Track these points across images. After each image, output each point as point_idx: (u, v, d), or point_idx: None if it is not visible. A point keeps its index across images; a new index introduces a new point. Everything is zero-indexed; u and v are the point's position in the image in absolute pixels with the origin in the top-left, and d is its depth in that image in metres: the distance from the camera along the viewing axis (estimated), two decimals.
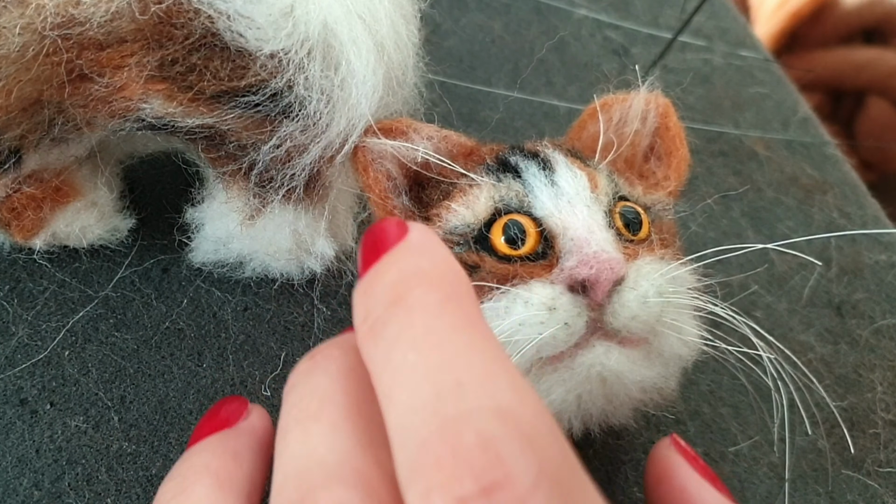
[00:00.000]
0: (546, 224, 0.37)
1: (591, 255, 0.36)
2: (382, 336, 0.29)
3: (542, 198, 0.38)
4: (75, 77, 0.38)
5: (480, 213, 0.38)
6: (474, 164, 0.40)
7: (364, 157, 0.40)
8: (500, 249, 0.37)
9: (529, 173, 0.39)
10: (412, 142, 0.40)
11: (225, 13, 0.36)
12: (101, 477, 0.40)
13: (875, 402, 0.50)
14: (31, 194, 0.42)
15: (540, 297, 0.36)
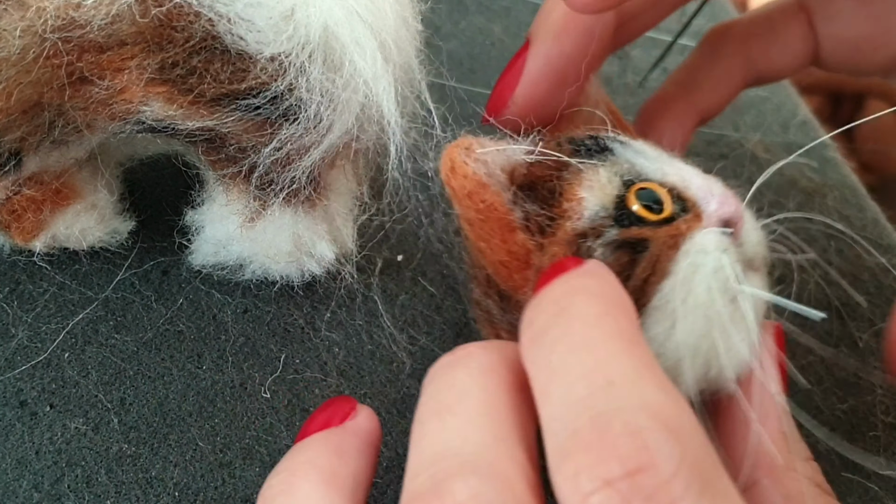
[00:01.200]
0: (668, 183, 0.38)
1: (723, 194, 0.38)
2: (543, 341, 0.31)
3: (645, 164, 0.38)
4: (75, 80, 0.38)
5: (611, 192, 0.37)
6: (564, 152, 0.39)
7: (476, 176, 0.36)
8: (649, 217, 0.36)
9: (618, 148, 0.39)
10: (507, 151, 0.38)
11: (225, 16, 0.36)
12: (101, 479, 0.40)
13: (875, 405, 0.50)
14: (31, 196, 0.42)
15: (712, 244, 0.36)
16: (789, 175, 0.61)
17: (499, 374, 0.32)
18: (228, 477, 0.41)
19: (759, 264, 0.39)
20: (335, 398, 0.37)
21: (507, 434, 0.30)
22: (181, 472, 0.41)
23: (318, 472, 0.33)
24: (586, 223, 0.36)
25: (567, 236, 0.36)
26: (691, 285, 0.36)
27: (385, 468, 0.42)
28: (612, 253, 0.36)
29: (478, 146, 0.37)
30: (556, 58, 0.42)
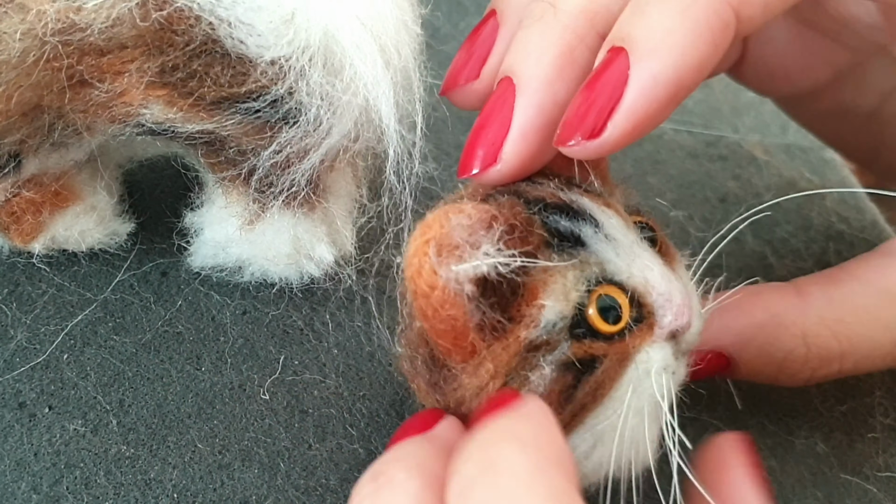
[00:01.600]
0: (630, 286, 0.36)
1: (680, 305, 0.36)
2: (468, 498, 0.29)
3: (614, 259, 0.36)
4: (76, 82, 0.38)
5: (574, 300, 0.35)
6: (535, 247, 0.36)
7: (445, 291, 0.33)
8: (604, 330, 0.35)
9: (590, 238, 0.36)
10: (482, 247, 0.34)
11: (226, 21, 0.36)
12: (100, 480, 0.40)
13: (874, 407, 0.50)
14: (31, 199, 0.42)
15: (660, 362, 0.36)
16: (788, 176, 0.61)
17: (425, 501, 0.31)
18: (227, 479, 0.41)
19: (689, 350, 0.38)
20: (424, 412, 0.36)
21: None
22: (180, 473, 0.41)
23: (421, 472, 0.31)
24: (542, 335, 0.35)
25: (518, 346, 0.35)
26: (627, 412, 0.35)
27: None
28: (560, 371, 0.35)
29: (451, 246, 0.33)
30: (549, 107, 0.37)
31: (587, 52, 0.38)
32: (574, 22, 0.38)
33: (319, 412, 0.44)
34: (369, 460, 0.42)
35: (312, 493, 0.41)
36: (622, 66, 0.35)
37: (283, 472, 0.42)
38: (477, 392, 0.35)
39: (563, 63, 0.37)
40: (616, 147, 0.35)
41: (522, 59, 0.38)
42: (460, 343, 0.35)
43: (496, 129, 0.38)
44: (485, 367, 0.35)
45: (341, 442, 0.43)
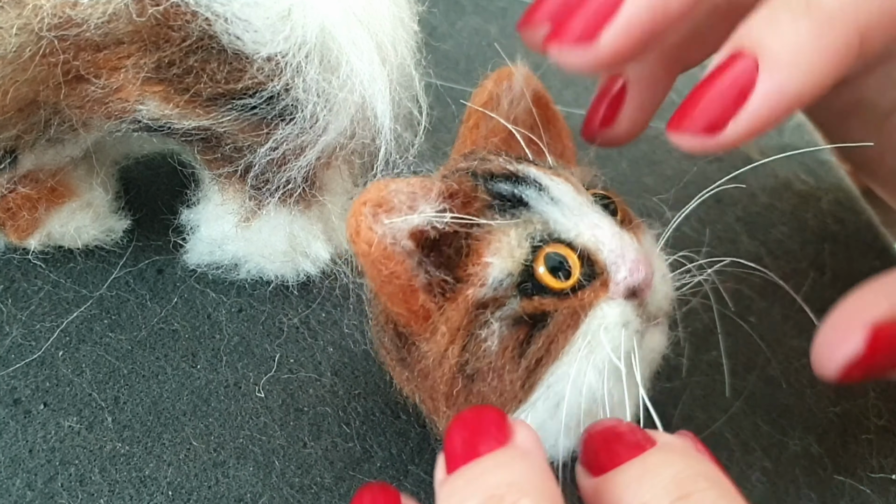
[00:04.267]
0: (579, 244, 0.37)
1: (635, 261, 0.36)
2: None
3: (560, 219, 0.37)
4: (72, 78, 0.38)
5: (519, 258, 0.36)
6: (476, 209, 0.37)
7: (381, 245, 0.34)
8: (554, 286, 0.36)
9: (534, 199, 0.37)
10: (420, 209, 0.35)
11: (222, 16, 0.36)
12: (95, 478, 0.40)
13: (868, 408, 0.50)
14: (27, 195, 0.42)
15: (614, 318, 0.36)
16: (783, 178, 0.61)
17: None
18: (222, 476, 0.41)
19: (662, 317, 0.39)
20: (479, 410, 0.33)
21: None
22: (175, 471, 0.41)
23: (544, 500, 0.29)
24: (488, 292, 0.36)
25: (466, 304, 0.36)
26: (584, 367, 0.36)
27: (379, 468, 0.42)
28: (511, 327, 0.36)
29: (387, 206, 0.34)
30: (660, 10, 0.36)
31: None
32: None
33: (314, 410, 0.44)
34: (364, 459, 0.42)
35: (307, 492, 0.41)
36: (750, 71, 0.35)
37: (277, 470, 0.42)
38: (439, 359, 0.36)
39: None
40: (730, 146, 0.36)
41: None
42: (411, 306, 0.36)
43: (600, 7, 0.36)
44: (440, 330, 0.36)
45: (336, 440, 0.43)
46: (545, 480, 0.30)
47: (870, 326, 0.37)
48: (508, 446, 0.31)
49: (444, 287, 0.36)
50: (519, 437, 0.31)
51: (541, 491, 0.29)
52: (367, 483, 0.36)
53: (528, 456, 0.31)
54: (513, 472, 0.30)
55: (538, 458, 0.31)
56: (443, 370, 0.37)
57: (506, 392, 0.36)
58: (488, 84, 0.43)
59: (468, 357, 0.36)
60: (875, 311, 0.38)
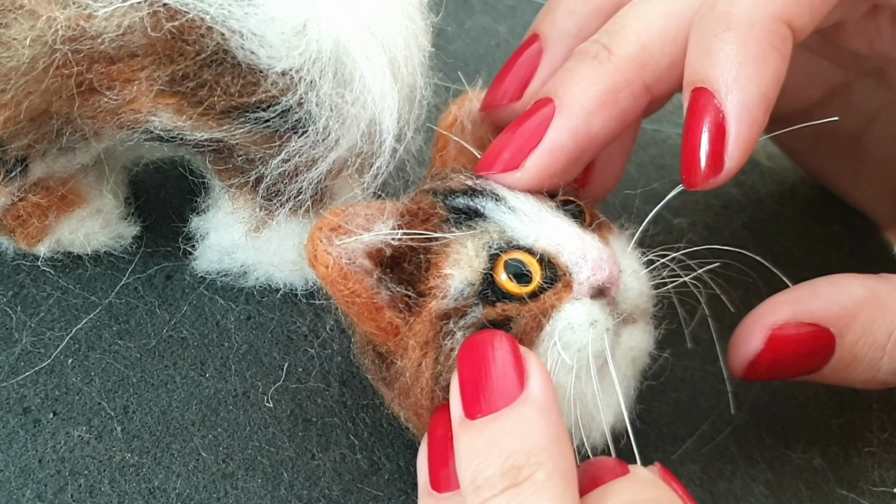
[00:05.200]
0: (538, 249, 0.37)
1: (597, 259, 0.37)
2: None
3: (517, 227, 0.38)
4: (85, 90, 0.37)
5: (478, 267, 0.37)
6: (433, 225, 0.39)
7: (338, 266, 0.36)
8: (516, 292, 0.37)
9: (490, 210, 0.38)
10: (375, 230, 0.37)
11: (238, 32, 0.36)
12: (104, 488, 0.40)
13: (871, 421, 0.50)
14: (37, 202, 0.42)
15: (580, 318, 0.37)
16: (791, 184, 0.62)
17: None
18: (231, 488, 0.41)
19: (640, 316, 0.39)
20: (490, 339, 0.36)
21: None
22: (184, 482, 0.41)
23: (559, 474, 0.33)
24: (451, 303, 0.37)
25: (430, 317, 0.37)
26: (553, 368, 0.37)
27: (387, 480, 0.43)
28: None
29: (342, 230, 0.36)
30: (582, 135, 0.40)
31: (630, 97, 0.40)
32: (625, 66, 0.40)
33: (323, 421, 0.44)
34: (371, 472, 0.42)
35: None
36: (713, 103, 0.37)
37: (286, 481, 0.42)
38: (415, 374, 0.37)
39: (606, 100, 0.40)
40: (739, 169, 0.38)
41: (569, 86, 0.40)
42: (379, 323, 0.37)
43: (526, 138, 0.40)
44: (410, 345, 0.37)
45: (344, 452, 0.43)
46: (560, 443, 0.34)
47: (769, 329, 0.42)
48: (526, 402, 0.34)
49: (408, 302, 0.37)
50: (533, 384, 0.34)
51: (556, 459, 0.33)
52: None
53: (544, 413, 0.34)
54: (530, 438, 0.33)
55: (553, 413, 0.34)
56: (421, 384, 0.37)
57: None
58: (453, 108, 0.44)
59: (440, 368, 0.37)
60: (776, 316, 0.42)
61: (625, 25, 0.41)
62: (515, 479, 0.32)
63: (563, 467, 0.33)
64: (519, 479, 0.32)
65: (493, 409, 0.34)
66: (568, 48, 0.43)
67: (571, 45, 0.43)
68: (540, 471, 0.32)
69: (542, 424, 0.33)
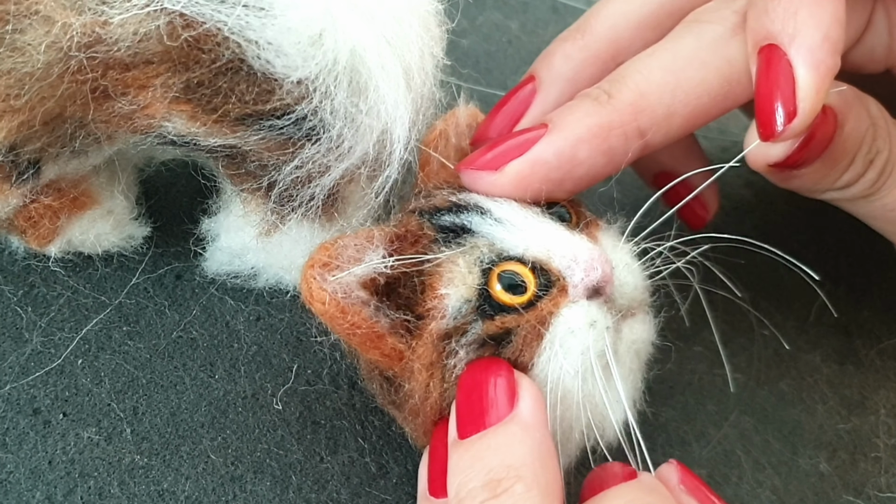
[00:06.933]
0: (529, 258, 0.38)
1: (588, 260, 0.37)
2: None
3: (506, 237, 0.38)
4: (99, 95, 0.37)
5: (472, 283, 0.37)
6: (423, 246, 0.39)
7: (334, 301, 0.36)
8: (512, 303, 0.37)
9: (477, 224, 0.39)
10: (367, 259, 0.37)
11: (254, 41, 0.36)
12: (114, 490, 0.40)
13: (878, 426, 0.51)
14: (49, 204, 0.42)
15: (579, 321, 0.37)
16: None
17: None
18: (240, 491, 0.41)
19: (639, 308, 0.40)
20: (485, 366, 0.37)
21: None
22: (193, 484, 0.41)
23: (538, 487, 0.33)
24: (450, 322, 0.37)
25: (432, 339, 0.37)
26: (557, 374, 0.37)
27: (395, 484, 0.43)
28: (477, 351, 0.37)
29: (332, 266, 0.36)
30: (566, 157, 0.40)
31: (622, 137, 0.41)
32: (622, 109, 0.41)
33: (332, 424, 0.44)
34: (380, 475, 0.43)
35: None
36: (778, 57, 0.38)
37: (294, 485, 0.42)
38: (424, 395, 0.37)
39: (597, 132, 0.40)
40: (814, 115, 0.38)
41: (565, 115, 0.41)
42: (383, 351, 0.37)
43: (512, 147, 0.41)
44: (415, 367, 0.37)
45: (353, 455, 0.43)
46: (543, 459, 0.34)
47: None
48: (513, 421, 0.35)
49: (408, 326, 0.38)
50: (523, 406, 0.35)
51: (536, 474, 0.33)
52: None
53: (530, 431, 0.35)
54: (513, 454, 0.34)
55: (539, 432, 0.35)
56: (430, 404, 0.38)
57: None
58: (439, 123, 0.45)
59: (447, 387, 0.37)
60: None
61: (625, 76, 0.42)
62: (495, 490, 0.33)
63: (543, 482, 0.33)
64: (498, 492, 0.33)
65: (483, 428, 0.35)
66: (561, 91, 0.45)
67: (565, 89, 0.45)
68: (519, 484, 0.33)
69: (526, 441, 0.34)
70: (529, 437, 0.34)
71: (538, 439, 0.34)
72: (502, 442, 0.34)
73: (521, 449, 0.34)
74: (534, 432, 0.35)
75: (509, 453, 0.34)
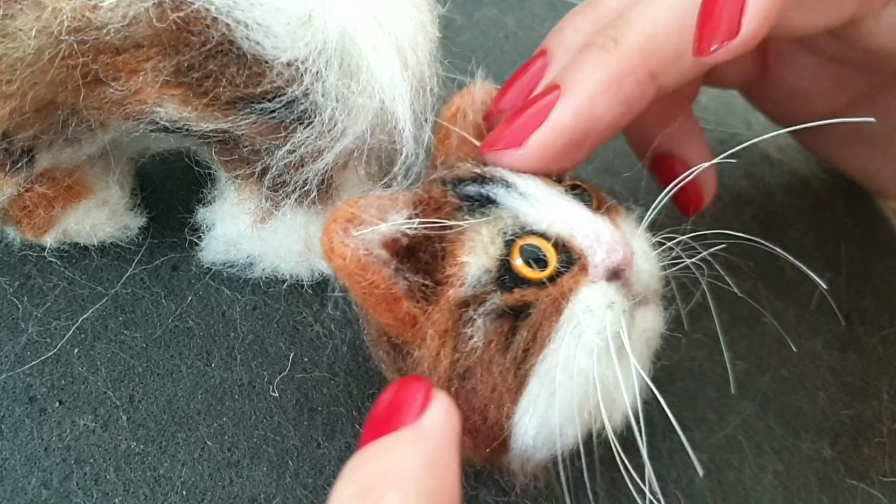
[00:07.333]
0: (552, 234, 0.37)
1: (610, 242, 0.37)
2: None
3: (530, 212, 0.38)
4: (90, 80, 0.37)
5: (494, 253, 0.37)
6: (446, 213, 0.38)
7: (356, 257, 0.35)
8: (532, 277, 0.36)
9: (502, 196, 0.38)
10: (390, 220, 0.37)
11: (243, 22, 0.36)
12: (109, 477, 0.40)
13: (881, 411, 0.50)
14: (43, 193, 0.42)
15: (598, 300, 0.37)
16: (801, 176, 0.61)
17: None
18: (236, 476, 0.41)
19: (652, 297, 0.39)
20: (406, 381, 0.34)
21: None
22: (189, 470, 0.41)
23: (417, 495, 0.29)
24: (468, 290, 0.37)
25: (449, 305, 0.37)
26: (573, 351, 0.36)
27: None
28: (494, 322, 0.36)
29: (357, 220, 0.36)
30: (585, 117, 0.40)
31: (635, 83, 0.40)
32: (630, 55, 0.40)
33: (328, 410, 0.44)
34: None
35: (321, 493, 0.41)
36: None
37: (291, 470, 0.42)
38: (433, 364, 0.37)
39: (610, 84, 0.40)
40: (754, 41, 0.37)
41: (575, 71, 0.41)
42: (397, 314, 0.37)
43: (530, 118, 0.40)
44: (428, 334, 0.37)
45: (350, 441, 0.43)
46: (435, 468, 0.31)
47: None
48: (409, 428, 0.32)
49: (425, 292, 0.37)
50: (427, 416, 0.32)
51: (417, 482, 0.30)
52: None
53: (423, 440, 0.31)
54: (394, 460, 0.31)
55: (435, 442, 0.32)
56: (438, 374, 0.37)
57: (498, 385, 0.36)
58: (456, 98, 0.45)
59: (458, 356, 0.37)
60: None
61: (631, 19, 0.41)
62: (364, 498, 0.29)
63: (426, 492, 0.30)
64: (368, 499, 0.29)
65: (382, 433, 0.32)
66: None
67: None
68: (393, 493, 0.29)
69: (417, 449, 0.31)
70: (423, 444, 0.31)
71: (434, 447, 0.31)
72: (389, 448, 0.31)
73: (409, 456, 0.31)
74: (430, 440, 0.31)
75: (392, 460, 0.31)
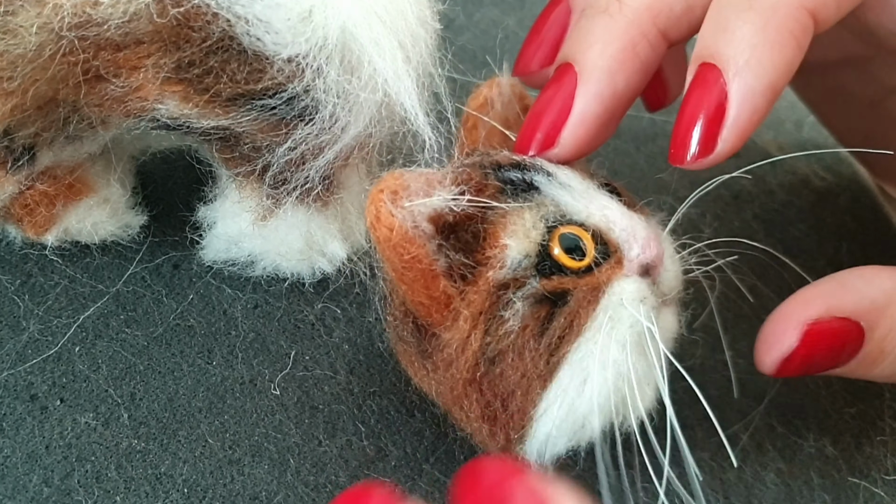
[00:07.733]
0: (591, 225, 0.37)
1: (646, 238, 0.37)
2: None
3: (570, 202, 0.38)
4: (91, 77, 0.37)
5: (535, 239, 0.37)
6: (489, 195, 0.38)
7: (403, 229, 0.35)
8: (571, 265, 0.37)
9: (544, 184, 0.38)
10: (437, 194, 0.36)
11: (243, 18, 0.36)
12: (111, 474, 0.40)
13: (883, 409, 0.50)
14: (44, 191, 0.42)
15: (632, 294, 0.37)
16: (802, 174, 0.61)
17: None
18: (237, 474, 0.41)
19: (672, 298, 0.39)
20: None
21: None
22: (190, 468, 0.41)
23: None
24: (508, 273, 0.36)
25: (488, 286, 0.36)
26: (607, 342, 0.36)
27: (394, 467, 0.43)
28: (533, 306, 0.36)
29: (405, 192, 0.35)
30: (609, 97, 0.39)
31: (649, 47, 0.40)
32: (638, 18, 0.39)
33: (330, 408, 0.44)
34: (378, 458, 0.42)
35: (322, 490, 0.41)
36: (718, 82, 0.37)
37: (292, 468, 0.42)
38: (462, 345, 0.37)
39: (625, 57, 0.39)
40: (729, 155, 0.37)
41: (586, 48, 0.40)
42: (432, 293, 0.36)
43: (556, 113, 0.40)
44: (462, 315, 0.36)
45: (351, 439, 0.43)
46: None
47: (804, 324, 0.40)
48: None
49: (463, 272, 0.37)
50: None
51: None
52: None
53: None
54: None
55: None
56: (466, 356, 0.37)
57: (528, 371, 0.36)
58: (483, 89, 0.45)
59: (489, 340, 0.36)
60: (810, 311, 0.40)
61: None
62: None
63: None
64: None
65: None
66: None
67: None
68: None
69: None
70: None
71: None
72: None
73: None
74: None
75: None
